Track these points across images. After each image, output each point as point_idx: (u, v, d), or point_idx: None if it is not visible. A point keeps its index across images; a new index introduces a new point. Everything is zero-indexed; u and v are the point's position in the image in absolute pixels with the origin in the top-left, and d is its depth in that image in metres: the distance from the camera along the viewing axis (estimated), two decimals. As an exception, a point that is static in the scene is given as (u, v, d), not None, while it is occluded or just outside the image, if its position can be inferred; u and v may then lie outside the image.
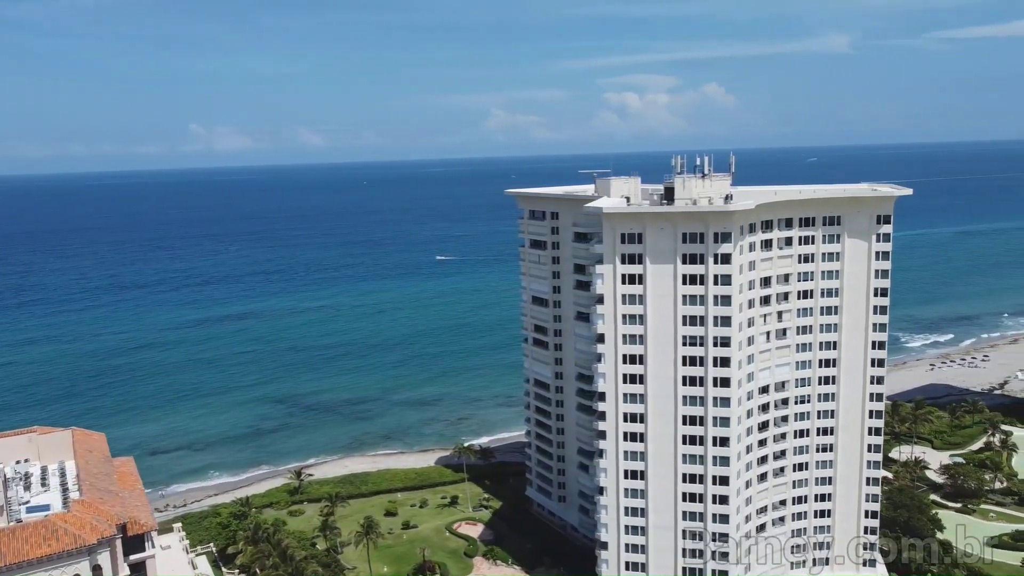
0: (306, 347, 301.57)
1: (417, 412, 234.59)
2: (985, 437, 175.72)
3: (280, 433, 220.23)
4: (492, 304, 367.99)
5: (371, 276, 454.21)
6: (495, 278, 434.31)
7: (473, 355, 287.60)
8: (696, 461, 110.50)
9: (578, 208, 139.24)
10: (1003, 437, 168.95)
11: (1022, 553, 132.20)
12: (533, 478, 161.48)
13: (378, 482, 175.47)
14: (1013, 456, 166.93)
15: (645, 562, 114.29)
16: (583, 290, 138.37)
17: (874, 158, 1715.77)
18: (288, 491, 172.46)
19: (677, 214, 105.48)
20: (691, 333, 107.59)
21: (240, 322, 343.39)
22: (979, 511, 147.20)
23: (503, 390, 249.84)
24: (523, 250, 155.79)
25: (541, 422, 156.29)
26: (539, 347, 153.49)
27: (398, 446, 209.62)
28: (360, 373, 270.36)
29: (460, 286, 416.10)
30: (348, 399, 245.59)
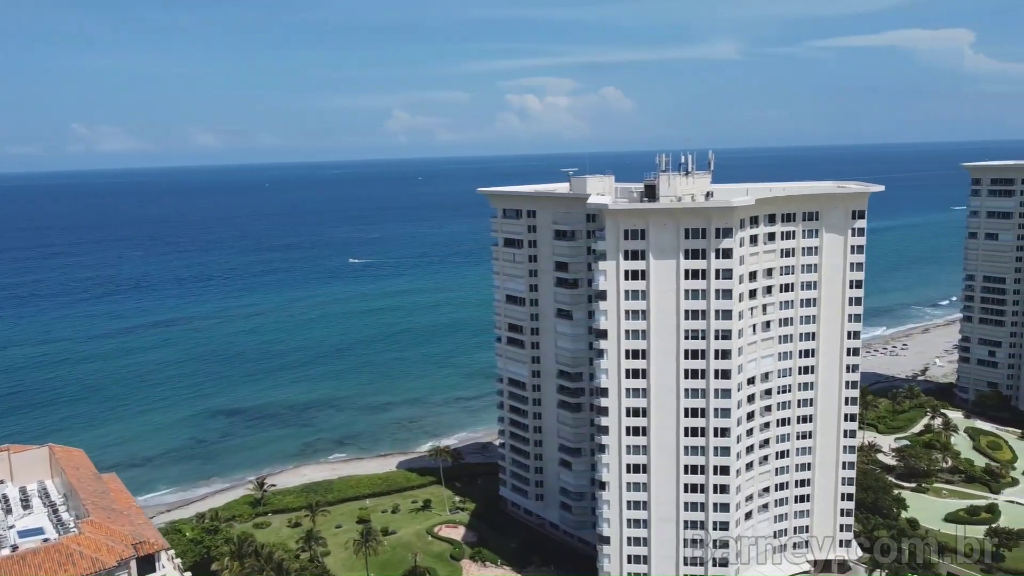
0: (237, 355, 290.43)
1: (366, 417, 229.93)
2: (925, 420, 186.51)
3: (225, 444, 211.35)
4: (425, 307, 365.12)
5: (292, 280, 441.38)
6: (423, 281, 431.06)
7: (415, 359, 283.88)
8: (697, 452, 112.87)
9: (558, 206, 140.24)
10: (945, 420, 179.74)
11: (978, 526, 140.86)
12: (507, 478, 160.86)
13: (343, 489, 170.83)
14: (951, 437, 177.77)
15: (647, 555, 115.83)
16: (565, 287, 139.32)
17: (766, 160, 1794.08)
18: (250, 503, 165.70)
19: (680, 210, 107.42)
20: (693, 327, 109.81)
21: (162, 330, 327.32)
22: (932, 490, 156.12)
23: (452, 392, 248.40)
24: (496, 249, 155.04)
25: (516, 421, 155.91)
26: (514, 346, 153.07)
27: (353, 452, 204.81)
28: (299, 379, 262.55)
29: (386, 289, 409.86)
30: (291, 406, 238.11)
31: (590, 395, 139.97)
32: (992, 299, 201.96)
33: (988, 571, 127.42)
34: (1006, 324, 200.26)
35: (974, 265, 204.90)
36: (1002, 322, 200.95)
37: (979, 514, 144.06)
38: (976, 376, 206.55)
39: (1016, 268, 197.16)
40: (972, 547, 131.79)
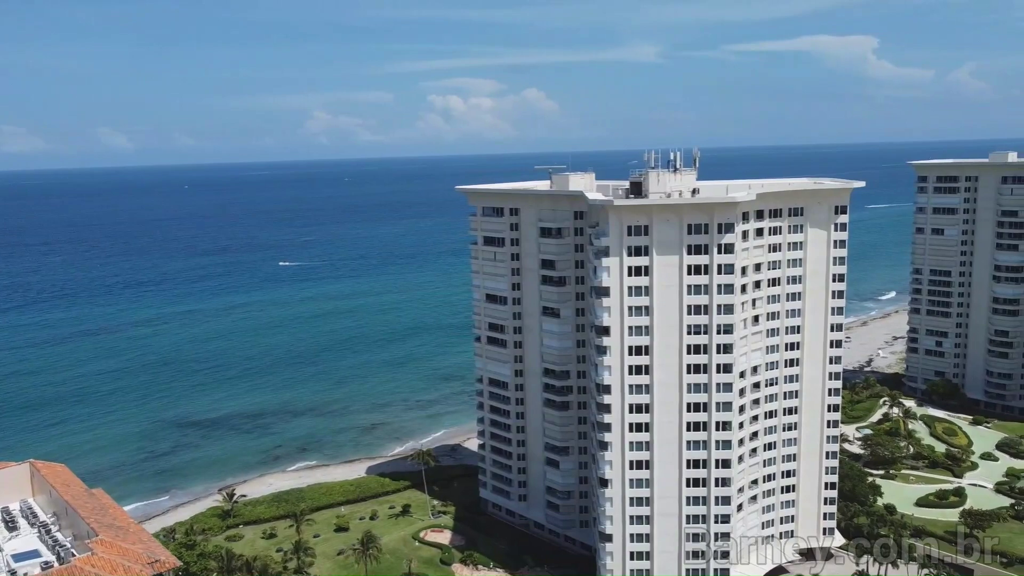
0: (182, 363, 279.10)
1: (326, 423, 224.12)
2: (883, 409, 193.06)
3: (180, 456, 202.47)
4: (374, 310, 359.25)
5: (229, 285, 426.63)
6: (368, 284, 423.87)
7: (369, 363, 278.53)
8: (699, 447, 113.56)
9: (544, 204, 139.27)
10: (905, 408, 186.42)
11: (948, 510, 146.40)
12: (487, 479, 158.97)
13: (316, 497, 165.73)
14: (909, 424, 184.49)
15: (649, 551, 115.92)
16: (551, 285, 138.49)
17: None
18: (218, 515, 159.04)
19: (684, 205, 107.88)
20: (695, 322, 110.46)
21: (99, 340, 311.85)
22: (900, 476, 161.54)
23: (412, 395, 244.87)
24: (475, 248, 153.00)
25: (497, 422, 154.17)
26: (495, 346, 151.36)
27: (317, 458, 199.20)
28: (251, 386, 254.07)
29: (329, 293, 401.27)
30: (245, 414, 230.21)
31: (578, 393, 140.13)
32: (938, 291, 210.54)
33: (965, 552, 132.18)
34: (952, 315, 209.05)
35: (921, 259, 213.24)
36: (948, 313, 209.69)
37: (948, 498, 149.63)
38: (924, 366, 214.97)
39: (961, 262, 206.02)
40: (948, 530, 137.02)
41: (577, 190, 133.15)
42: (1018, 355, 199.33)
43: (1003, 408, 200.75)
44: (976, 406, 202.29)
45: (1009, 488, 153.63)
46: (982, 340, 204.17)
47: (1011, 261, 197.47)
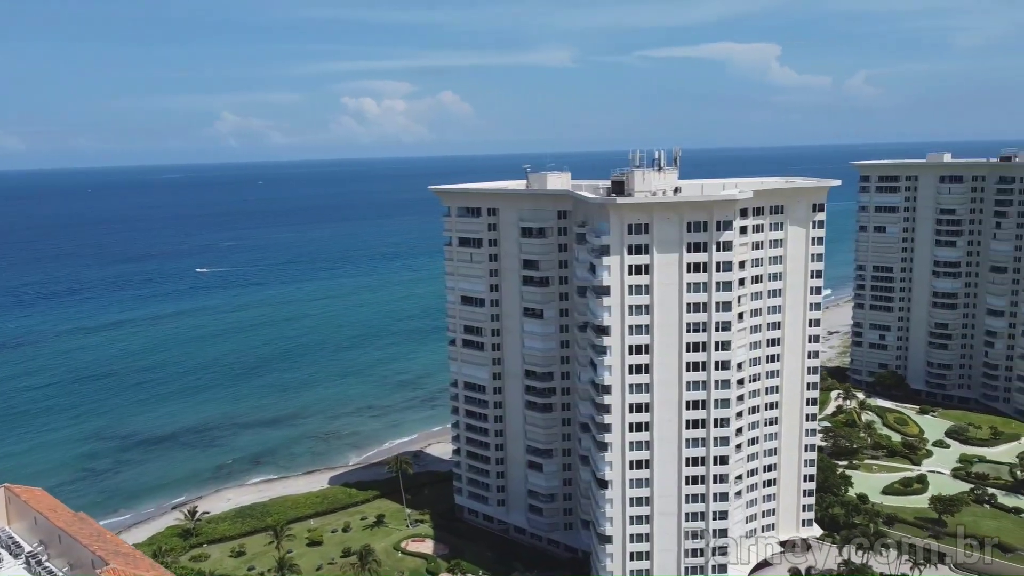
0: (113, 376, 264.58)
1: (277, 433, 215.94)
2: (836, 401, 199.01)
3: (124, 474, 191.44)
4: (312, 317, 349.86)
5: (152, 294, 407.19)
6: (301, 290, 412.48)
7: (314, 370, 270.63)
8: (698, 444, 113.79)
9: (525, 203, 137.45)
10: (860, 400, 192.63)
11: (913, 497, 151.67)
12: (463, 485, 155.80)
13: (282, 511, 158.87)
14: (863, 415, 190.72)
15: (649, 551, 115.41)
16: (534, 286, 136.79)
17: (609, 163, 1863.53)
18: (179, 535, 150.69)
19: (684, 203, 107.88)
20: (694, 320, 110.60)
21: (18, 353, 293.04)
22: (863, 466, 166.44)
23: (364, 401, 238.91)
24: (449, 249, 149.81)
25: (474, 426, 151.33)
26: (472, 348, 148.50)
27: (274, 471, 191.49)
28: (191, 399, 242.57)
29: (258, 299, 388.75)
30: (189, 428, 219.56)
31: (561, 395, 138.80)
32: (881, 287, 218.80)
33: (936, 536, 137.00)
34: (894, 310, 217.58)
35: (864, 256, 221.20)
36: (890, 308, 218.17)
37: (912, 485, 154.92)
38: (868, 358, 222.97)
39: (902, 258, 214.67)
40: (918, 516, 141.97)
41: (562, 189, 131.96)
42: (956, 347, 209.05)
43: (943, 397, 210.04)
44: (918, 396, 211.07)
45: (966, 473, 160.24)
46: (923, 333, 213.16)
47: (949, 257, 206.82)
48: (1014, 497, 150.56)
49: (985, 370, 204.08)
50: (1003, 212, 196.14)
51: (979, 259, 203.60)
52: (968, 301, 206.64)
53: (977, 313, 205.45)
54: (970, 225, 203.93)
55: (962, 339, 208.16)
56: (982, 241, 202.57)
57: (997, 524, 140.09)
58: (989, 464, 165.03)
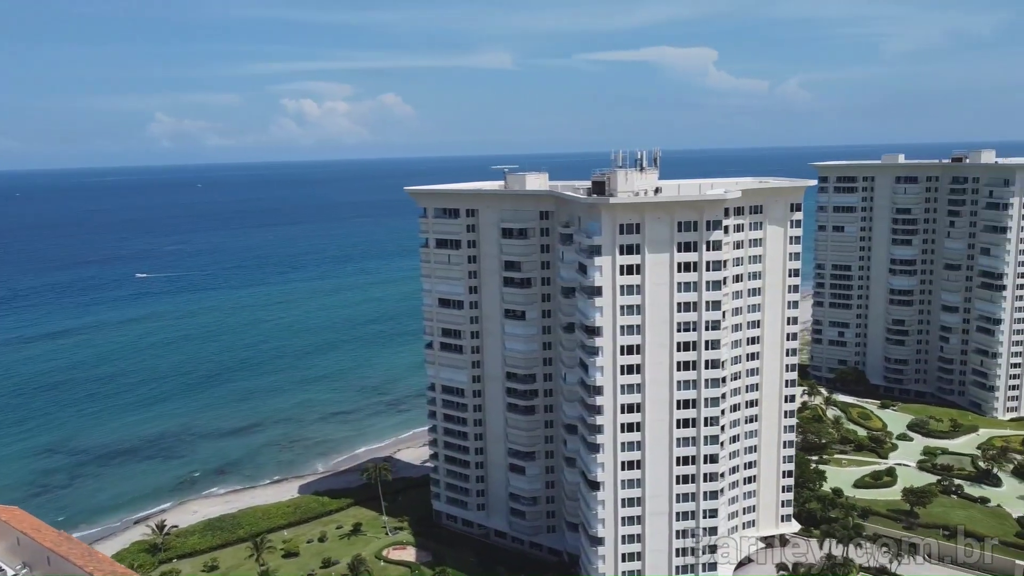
0: (61, 387, 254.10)
1: (238, 442, 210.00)
2: (803, 397, 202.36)
3: (80, 488, 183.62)
4: (265, 323, 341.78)
5: (93, 301, 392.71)
6: (254, 295, 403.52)
7: (271, 378, 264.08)
8: (689, 443, 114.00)
9: (505, 204, 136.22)
10: (826, 396, 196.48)
11: (884, 489, 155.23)
12: (441, 490, 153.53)
13: (253, 522, 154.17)
14: (828, 411, 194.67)
15: (641, 551, 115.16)
16: (516, 287, 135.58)
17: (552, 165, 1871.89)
18: (145, 550, 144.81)
19: (675, 203, 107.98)
20: (685, 319, 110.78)
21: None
22: (833, 460, 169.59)
23: (327, 408, 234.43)
24: (425, 251, 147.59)
25: (453, 430, 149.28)
26: (450, 352, 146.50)
27: (240, 481, 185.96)
28: (145, 410, 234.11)
29: (208, 305, 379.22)
30: (146, 439, 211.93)
31: (544, 396, 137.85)
32: (840, 285, 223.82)
33: (909, 528, 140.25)
34: (852, 307, 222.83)
35: (824, 255, 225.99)
36: (849, 305, 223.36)
37: (882, 478, 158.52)
38: (828, 355, 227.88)
39: (860, 256, 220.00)
40: (890, 508, 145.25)
41: (546, 190, 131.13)
42: (913, 342, 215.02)
43: (900, 392, 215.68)
44: (876, 391, 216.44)
45: (931, 466, 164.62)
46: (880, 329, 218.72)
47: (905, 255, 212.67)
48: (978, 487, 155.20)
49: (940, 364, 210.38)
50: (956, 212, 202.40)
51: (933, 257, 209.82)
52: (923, 298, 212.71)
53: (932, 309, 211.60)
54: (925, 224, 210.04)
55: (918, 335, 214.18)
56: (936, 239, 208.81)
57: (966, 514, 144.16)
58: (952, 455, 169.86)
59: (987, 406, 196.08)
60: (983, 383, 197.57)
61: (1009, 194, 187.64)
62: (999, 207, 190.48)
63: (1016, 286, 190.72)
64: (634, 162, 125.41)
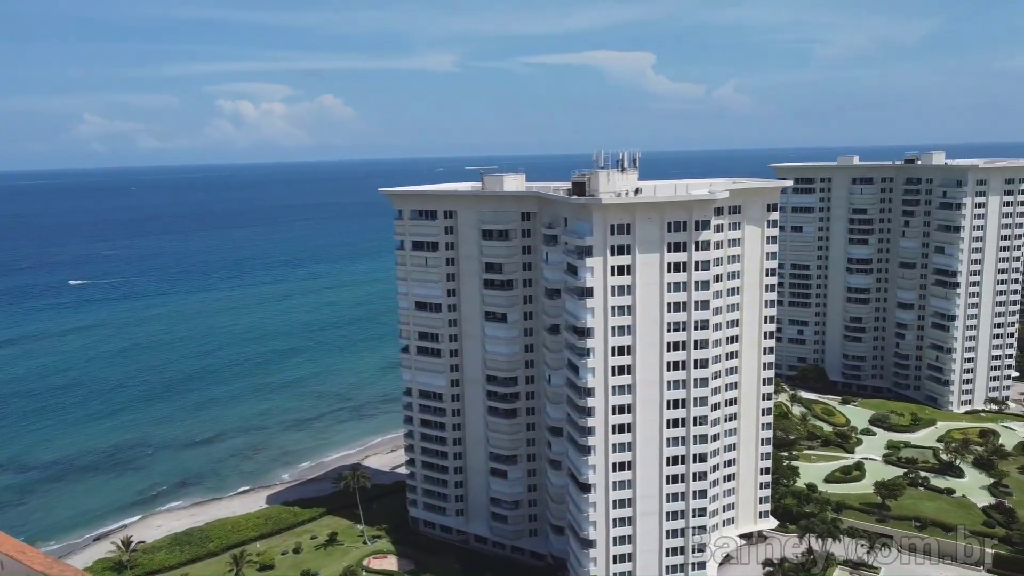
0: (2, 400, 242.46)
1: (197, 453, 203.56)
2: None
3: (35, 505, 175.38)
4: (218, 330, 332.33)
5: (25, 311, 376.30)
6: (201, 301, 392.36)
7: (226, 385, 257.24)
8: (679, 443, 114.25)
9: (486, 205, 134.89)
10: (792, 394, 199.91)
11: (854, 483, 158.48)
12: (418, 496, 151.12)
13: (224, 535, 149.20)
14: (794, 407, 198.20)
15: (632, 552, 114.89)
16: (497, 289, 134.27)
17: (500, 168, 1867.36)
18: (111, 568, 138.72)
19: (665, 203, 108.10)
20: (674, 319, 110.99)
21: None
22: (803, 456, 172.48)
23: (287, 415, 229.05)
24: (401, 253, 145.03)
25: (430, 435, 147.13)
26: (428, 356, 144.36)
27: (203, 492, 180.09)
28: (97, 422, 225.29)
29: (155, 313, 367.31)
30: (100, 452, 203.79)
31: (526, 399, 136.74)
32: (799, 284, 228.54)
33: (882, 520, 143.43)
34: (811, 305, 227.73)
35: (783, 254, 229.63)
36: (808, 304, 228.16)
37: (851, 473, 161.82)
38: (787, 353, 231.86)
39: (818, 256, 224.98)
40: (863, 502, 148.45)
41: (530, 191, 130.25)
42: (870, 339, 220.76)
43: (858, 387, 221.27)
44: (835, 387, 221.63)
45: (897, 459, 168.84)
46: (839, 327, 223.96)
47: (861, 254, 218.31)
48: (942, 478, 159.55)
49: (896, 360, 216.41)
50: (911, 212, 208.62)
51: (889, 256, 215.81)
52: (880, 296, 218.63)
53: (888, 307, 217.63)
54: (880, 224, 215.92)
55: (875, 332, 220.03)
56: (892, 239, 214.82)
57: (935, 505, 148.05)
58: (914, 449, 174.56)
59: (942, 400, 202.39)
60: (938, 378, 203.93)
61: (962, 194, 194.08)
62: (952, 207, 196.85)
63: (969, 283, 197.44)
64: (616, 163, 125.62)
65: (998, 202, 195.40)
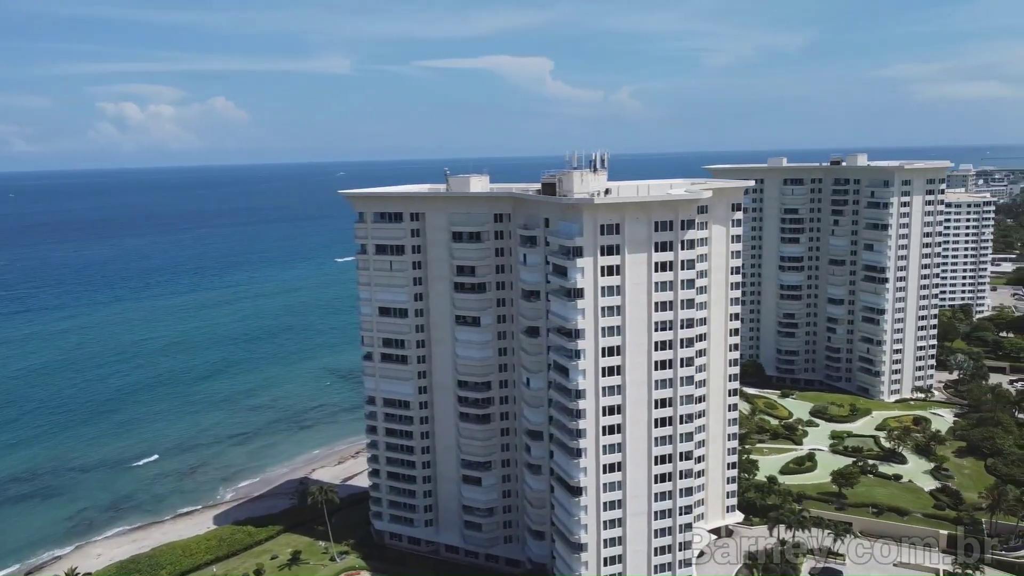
0: None
1: (127, 473, 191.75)
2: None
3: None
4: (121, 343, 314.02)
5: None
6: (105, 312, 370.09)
7: (146, 400, 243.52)
8: (667, 442, 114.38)
9: (455, 206, 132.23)
10: (740, 389, 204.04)
11: (808, 474, 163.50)
12: (383, 508, 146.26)
13: (176, 560, 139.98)
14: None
15: (622, 554, 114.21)
16: (469, 292, 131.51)
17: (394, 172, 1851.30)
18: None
19: (654, 203, 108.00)
20: (662, 318, 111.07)
21: None
22: (755, 449, 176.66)
23: (220, 431, 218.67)
24: (363, 258, 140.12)
25: (396, 444, 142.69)
26: (393, 363, 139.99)
27: (141, 516, 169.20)
28: (9, 445, 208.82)
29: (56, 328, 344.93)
30: (19, 478, 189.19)
31: (500, 404, 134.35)
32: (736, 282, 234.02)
33: (840, 508, 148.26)
34: (747, 303, 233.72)
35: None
36: (743, 301, 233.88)
37: (804, 464, 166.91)
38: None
39: (752, 255, 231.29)
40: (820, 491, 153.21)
41: (500, 191, 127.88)
42: (802, 334, 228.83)
43: (791, 381, 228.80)
44: (770, 381, 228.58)
45: (843, 448, 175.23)
46: (772, 323, 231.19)
47: (793, 253, 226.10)
48: (888, 465, 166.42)
49: (828, 354, 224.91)
50: (839, 211, 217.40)
51: (819, 254, 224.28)
52: (811, 292, 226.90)
53: (819, 303, 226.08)
54: (810, 223, 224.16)
55: (807, 327, 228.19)
56: (821, 237, 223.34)
57: (887, 491, 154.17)
58: (856, 437, 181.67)
59: (874, 390, 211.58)
60: (869, 369, 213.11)
61: (889, 194, 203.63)
62: (880, 206, 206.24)
63: (896, 279, 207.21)
64: (588, 163, 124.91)
65: (920, 201, 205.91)
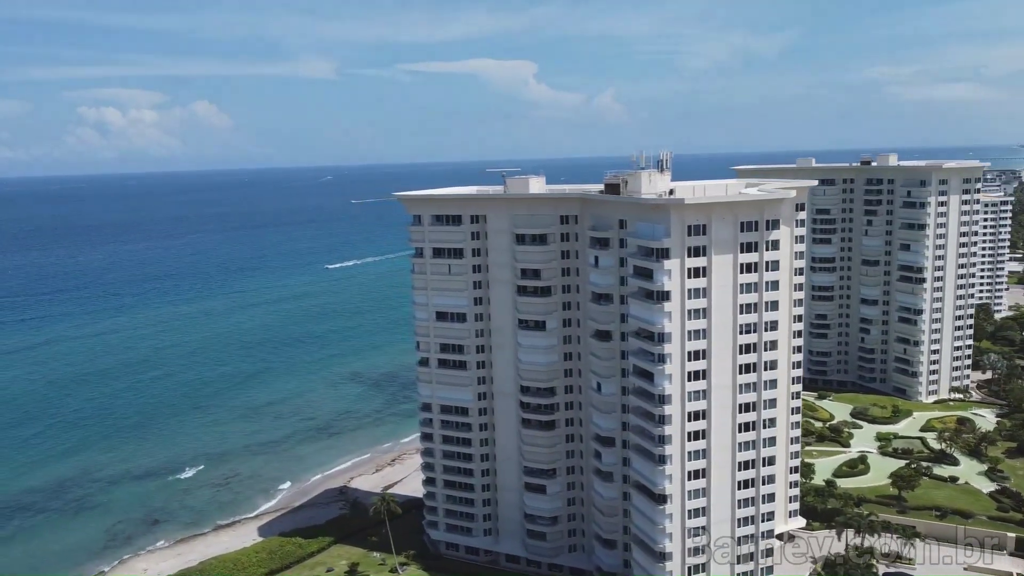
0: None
1: (159, 483, 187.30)
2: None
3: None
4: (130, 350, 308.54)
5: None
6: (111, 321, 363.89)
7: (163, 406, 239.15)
8: (750, 447, 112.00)
9: (518, 208, 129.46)
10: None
11: (861, 477, 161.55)
12: (440, 517, 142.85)
13: (229, 575, 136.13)
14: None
15: (706, 562, 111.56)
16: (533, 296, 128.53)
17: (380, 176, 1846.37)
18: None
19: (740, 203, 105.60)
20: (746, 321, 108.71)
21: None
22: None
23: (254, 438, 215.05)
24: (419, 261, 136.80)
25: (455, 452, 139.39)
26: (452, 368, 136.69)
27: (180, 529, 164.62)
28: (37, 459, 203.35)
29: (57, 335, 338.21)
30: (45, 489, 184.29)
31: (565, 409, 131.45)
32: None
33: (902, 512, 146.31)
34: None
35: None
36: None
37: (857, 467, 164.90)
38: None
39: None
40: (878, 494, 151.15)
41: (568, 192, 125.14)
42: (834, 335, 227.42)
43: (823, 382, 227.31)
44: (802, 382, 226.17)
45: (893, 451, 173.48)
46: (805, 324, 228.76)
47: (825, 253, 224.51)
48: (940, 467, 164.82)
49: (861, 355, 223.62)
50: (873, 211, 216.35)
51: (851, 254, 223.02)
52: (843, 293, 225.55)
53: (851, 304, 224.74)
54: (842, 224, 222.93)
55: (839, 328, 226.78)
56: (854, 238, 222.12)
57: (945, 493, 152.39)
58: (904, 439, 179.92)
59: (911, 391, 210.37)
60: (906, 369, 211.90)
61: (926, 193, 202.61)
62: (916, 206, 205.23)
63: (934, 278, 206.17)
64: (656, 163, 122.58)
65: (958, 200, 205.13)
